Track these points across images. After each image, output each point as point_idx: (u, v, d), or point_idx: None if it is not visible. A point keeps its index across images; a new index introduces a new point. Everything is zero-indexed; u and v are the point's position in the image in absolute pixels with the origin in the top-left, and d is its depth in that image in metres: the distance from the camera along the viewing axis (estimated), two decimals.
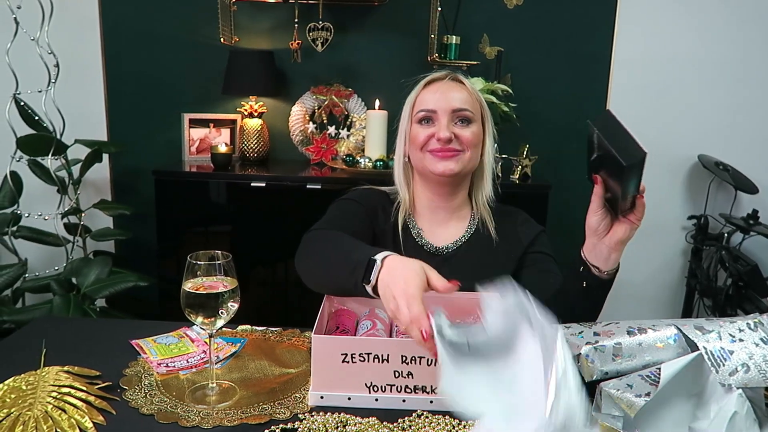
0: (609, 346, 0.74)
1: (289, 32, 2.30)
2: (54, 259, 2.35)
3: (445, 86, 1.19)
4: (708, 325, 0.75)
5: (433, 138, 1.16)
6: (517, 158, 2.22)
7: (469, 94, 1.20)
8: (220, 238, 2.27)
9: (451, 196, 1.24)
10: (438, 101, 1.17)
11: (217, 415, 0.85)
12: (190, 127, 2.41)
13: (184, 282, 0.86)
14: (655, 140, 2.52)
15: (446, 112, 1.16)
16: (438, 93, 1.18)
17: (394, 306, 0.81)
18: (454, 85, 1.20)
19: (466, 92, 1.19)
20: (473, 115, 1.18)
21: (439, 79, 1.21)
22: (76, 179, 2.26)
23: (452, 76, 1.22)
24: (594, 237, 0.98)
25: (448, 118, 1.16)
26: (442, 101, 1.17)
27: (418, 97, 1.20)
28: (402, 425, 0.84)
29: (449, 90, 1.18)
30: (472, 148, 1.18)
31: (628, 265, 2.55)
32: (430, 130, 1.17)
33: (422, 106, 1.18)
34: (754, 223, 2.32)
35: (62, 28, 2.22)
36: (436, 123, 1.17)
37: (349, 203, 1.24)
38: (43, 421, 0.81)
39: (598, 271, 0.99)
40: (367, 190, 1.29)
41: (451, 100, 1.17)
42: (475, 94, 1.22)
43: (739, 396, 0.68)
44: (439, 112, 1.17)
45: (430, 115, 1.17)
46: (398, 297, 0.81)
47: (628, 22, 2.42)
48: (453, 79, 1.21)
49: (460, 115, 1.17)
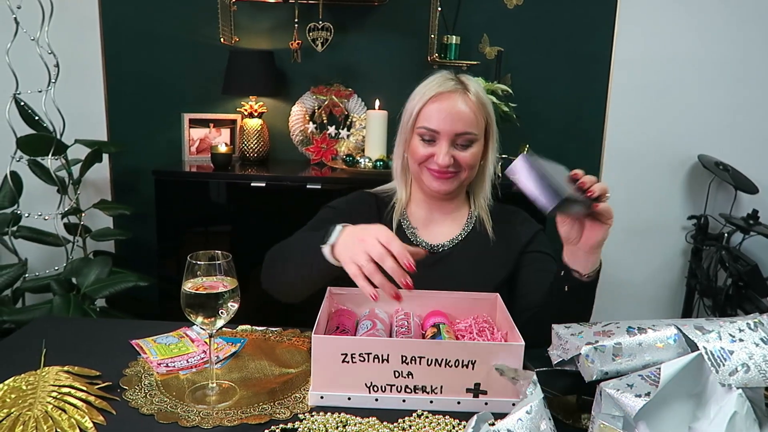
0: (609, 346, 0.74)
1: (289, 32, 2.30)
2: (54, 259, 2.35)
3: (452, 103, 1.14)
4: (708, 325, 0.75)
5: (432, 158, 1.15)
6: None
7: (475, 111, 1.16)
8: (220, 238, 2.27)
9: (448, 201, 1.24)
10: (442, 122, 1.14)
11: (217, 415, 0.85)
12: (190, 127, 2.41)
13: (184, 282, 0.86)
14: (655, 140, 2.53)
15: (449, 135, 1.14)
16: (443, 112, 1.14)
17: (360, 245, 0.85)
18: (461, 102, 1.15)
19: (472, 111, 1.15)
20: (476, 137, 1.16)
21: (446, 93, 1.15)
22: (76, 179, 2.25)
23: (461, 90, 1.16)
24: (569, 244, 0.98)
25: (449, 141, 1.14)
26: (446, 123, 1.13)
27: (423, 109, 1.16)
28: (402, 425, 0.84)
29: (455, 108, 1.14)
30: (470, 169, 1.17)
31: (628, 265, 2.59)
32: (431, 150, 1.15)
33: (425, 123, 1.15)
34: (754, 223, 2.32)
35: (62, 28, 2.22)
36: (437, 144, 1.15)
37: (325, 212, 1.24)
38: (43, 421, 0.81)
39: (579, 275, 0.98)
40: (353, 195, 1.29)
41: (455, 122, 1.14)
42: (483, 108, 1.18)
43: (739, 396, 0.68)
44: (441, 134, 1.14)
45: (433, 134, 1.15)
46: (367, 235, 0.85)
47: (628, 22, 2.42)
48: (462, 92, 1.16)
49: (462, 138, 1.15)
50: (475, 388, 0.87)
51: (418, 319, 1.05)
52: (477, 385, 0.87)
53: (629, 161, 2.54)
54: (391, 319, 1.06)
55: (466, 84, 1.18)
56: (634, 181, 2.55)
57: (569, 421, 0.85)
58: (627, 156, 2.53)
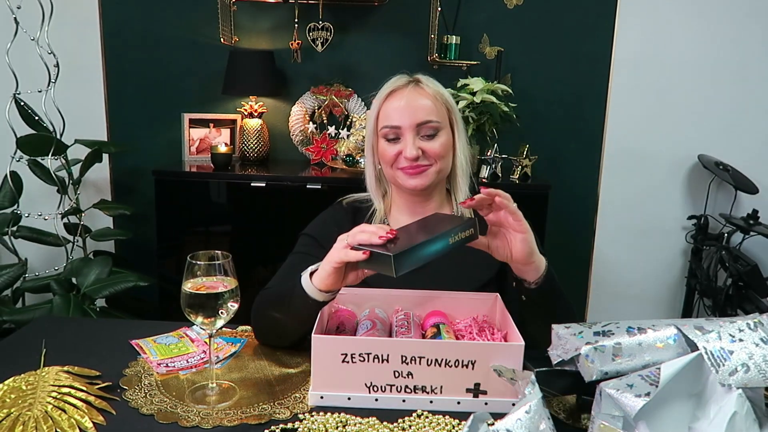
0: (609, 346, 0.74)
1: (289, 32, 2.30)
2: (54, 259, 2.36)
3: (408, 96, 1.14)
4: (708, 325, 0.75)
5: (401, 155, 1.14)
6: (517, 158, 2.22)
7: (433, 99, 1.16)
8: (220, 238, 2.27)
9: (428, 200, 1.23)
10: (401, 116, 1.13)
11: (217, 415, 0.85)
12: (190, 127, 2.41)
13: (184, 282, 0.86)
14: (655, 140, 2.53)
15: (411, 127, 1.13)
16: (401, 106, 1.14)
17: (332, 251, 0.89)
18: (416, 94, 1.15)
19: (429, 99, 1.15)
20: (440, 124, 1.15)
21: (400, 88, 1.16)
22: (76, 179, 2.26)
23: (414, 83, 1.17)
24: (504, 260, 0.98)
25: (414, 133, 1.13)
26: (405, 115, 1.13)
27: (381, 109, 1.17)
28: (402, 425, 0.84)
29: (412, 100, 1.14)
30: (441, 159, 1.16)
31: (628, 265, 2.59)
32: (397, 148, 1.14)
33: (386, 122, 1.15)
34: (754, 223, 2.32)
35: (62, 28, 2.22)
36: (402, 140, 1.14)
37: (303, 240, 1.23)
38: (43, 421, 0.81)
39: (528, 284, 0.99)
40: (326, 213, 1.28)
41: (415, 113, 1.13)
42: (441, 97, 1.18)
43: (739, 396, 0.68)
44: (403, 128, 1.13)
45: (396, 131, 1.14)
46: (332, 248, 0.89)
47: (628, 22, 2.42)
48: (414, 85, 1.17)
49: (425, 128, 1.14)
50: (474, 388, 0.87)
51: (418, 319, 1.05)
52: (477, 385, 0.87)
53: (629, 161, 2.54)
54: (391, 319, 1.06)
55: (418, 78, 1.19)
56: (634, 181, 2.55)
57: (569, 421, 0.85)
58: (627, 156, 2.53)
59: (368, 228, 0.88)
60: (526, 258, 0.95)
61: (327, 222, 1.25)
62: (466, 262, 1.19)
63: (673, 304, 2.66)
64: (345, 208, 1.28)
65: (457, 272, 1.17)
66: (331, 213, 1.28)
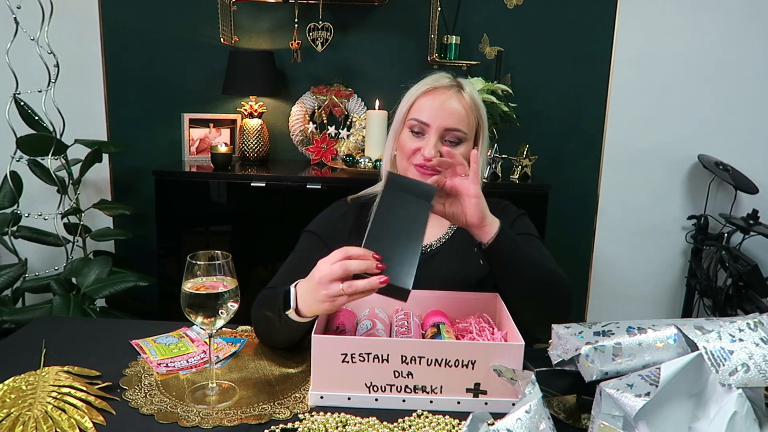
0: (609, 346, 0.74)
1: (289, 32, 2.30)
2: (54, 259, 2.36)
3: (445, 98, 1.15)
4: (708, 325, 0.75)
5: (419, 152, 1.15)
6: (517, 158, 2.22)
7: (468, 110, 1.16)
8: (220, 238, 2.27)
9: None
10: (433, 115, 1.14)
11: (217, 415, 0.85)
12: (190, 127, 2.41)
13: (184, 282, 0.86)
14: (655, 140, 2.53)
15: (438, 129, 1.14)
16: (435, 105, 1.14)
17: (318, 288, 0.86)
18: (454, 99, 1.16)
19: (464, 108, 1.16)
20: (466, 135, 1.16)
21: (440, 89, 1.17)
22: (76, 179, 2.26)
23: (456, 88, 1.18)
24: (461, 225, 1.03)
25: (438, 135, 1.14)
26: (437, 116, 1.14)
27: (416, 101, 1.17)
28: (402, 425, 0.84)
29: (448, 103, 1.14)
30: None
31: (628, 265, 2.59)
32: (418, 144, 1.15)
33: (416, 115, 1.16)
34: (754, 223, 2.32)
35: (62, 28, 2.22)
36: (426, 137, 1.15)
37: (305, 237, 1.23)
38: (43, 421, 0.81)
39: (484, 245, 1.01)
40: (329, 210, 1.28)
41: (447, 117, 1.14)
42: (476, 110, 1.18)
43: (739, 396, 0.68)
44: (431, 127, 1.14)
45: (422, 127, 1.15)
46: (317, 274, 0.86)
47: (629, 22, 2.42)
48: (456, 90, 1.17)
49: (451, 134, 1.15)
50: (475, 388, 0.87)
51: (418, 319, 1.05)
52: (477, 385, 0.87)
53: (629, 161, 2.54)
54: (391, 319, 1.06)
55: (462, 83, 1.20)
56: (634, 180, 2.55)
57: (569, 421, 0.85)
58: (627, 156, 2.53)
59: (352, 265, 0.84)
60: (479, 221, 0.99)
61: (331, 219, 1.26)
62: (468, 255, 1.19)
63: (673, 304, 2.66)
64: (349, 204, 1.28)
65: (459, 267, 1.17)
66: (335, 210, 1.28)
